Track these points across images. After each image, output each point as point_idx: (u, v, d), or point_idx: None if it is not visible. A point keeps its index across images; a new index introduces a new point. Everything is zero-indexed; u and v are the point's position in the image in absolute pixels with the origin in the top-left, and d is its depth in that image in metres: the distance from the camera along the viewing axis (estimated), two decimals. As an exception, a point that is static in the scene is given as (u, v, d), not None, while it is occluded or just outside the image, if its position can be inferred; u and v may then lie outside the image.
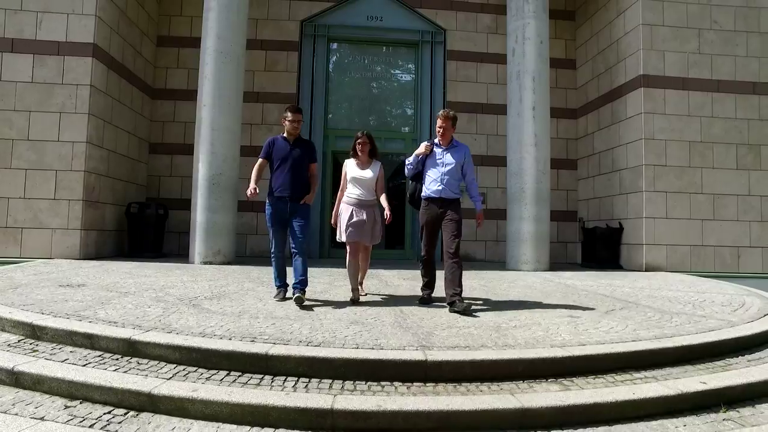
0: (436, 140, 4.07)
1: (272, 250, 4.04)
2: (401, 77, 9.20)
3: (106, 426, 2.10)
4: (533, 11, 7.20)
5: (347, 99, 9.10)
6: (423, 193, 4.04)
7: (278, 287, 4.04)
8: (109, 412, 2.21)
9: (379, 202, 4.15)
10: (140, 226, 7.39)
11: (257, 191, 3.83)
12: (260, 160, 4.04)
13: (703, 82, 7.39)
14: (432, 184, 3.96)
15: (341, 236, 4.11)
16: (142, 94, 8.15)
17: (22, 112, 6.52)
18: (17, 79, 6.53)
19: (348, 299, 4.04)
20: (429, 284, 4.13)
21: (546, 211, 7.24)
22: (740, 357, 2.98)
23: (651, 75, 7.34)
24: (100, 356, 2.61)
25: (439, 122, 4.02)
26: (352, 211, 4.05)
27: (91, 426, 2.09)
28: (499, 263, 7.83)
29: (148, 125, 8.41)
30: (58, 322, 2.87)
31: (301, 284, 3.81)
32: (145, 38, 8.16)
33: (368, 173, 4.11)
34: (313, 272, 4.67)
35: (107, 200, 7.19)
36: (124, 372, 2.43)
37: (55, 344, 2.76)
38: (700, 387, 2.45)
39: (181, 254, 7.69)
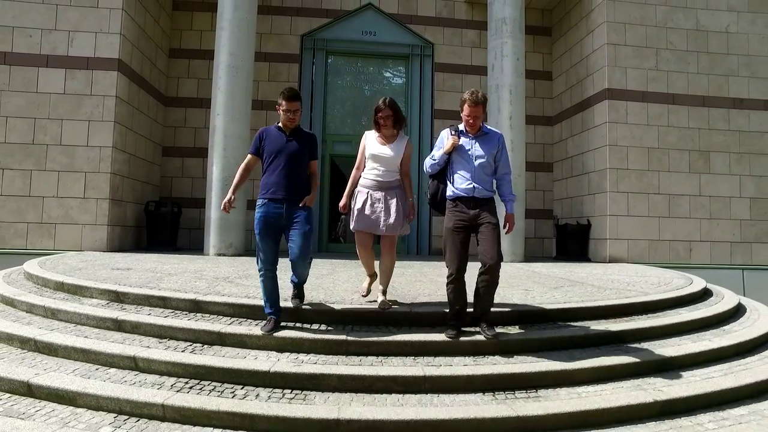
0: (460, 126, 3.41)
1: (259, 267, 3.31)
2: (393, 87, 10.32)
3: (191, 351, 3.17)
4: (510, 31, 8.34)
5: (344, 106, 10.19)
6: (449, 193, 3.41)
7: (268, 314, 3.33)
8: (191, 345, 3.27)
9: (405, 187, 3.64)
10: (157, 222, 8.41)
11: (233, 203, 3.39)
12: (249, 156, 3.47)
13: (660, 96, 8.57)
14: (461, 181, 3.35)
15: (357, 224, 3.57)
16: (157, 102, 9.17)
17: (55, 120, 7.52)
18: (51, 90, 7.52)
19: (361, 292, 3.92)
20: (459, 315, 3.35)
21: (521, 209, 8.36)
22: (644, 315, 4.12)
23: (615, 88, 8.51)
24: (173, 312, 3.67)
25: (466, 110, 3.29)
26: (368, 195, 3.57)
27: (182, 351, 3.16)
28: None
29: (162, 130, 9.43)
30: (135, 289, 3.93)
31: (300, 277, 3.51)
32: (159, 51, 9.18)
33: (392, 150, 3.58)
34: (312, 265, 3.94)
35: (128, 199, 8.20)
36: (196, 321, 3.50)
37: (135, 305, 3.81)
38: (602, 329, 3.59)
39: (193, 248, 8.72)
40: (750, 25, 8.74)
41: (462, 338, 3.30)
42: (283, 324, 3.40)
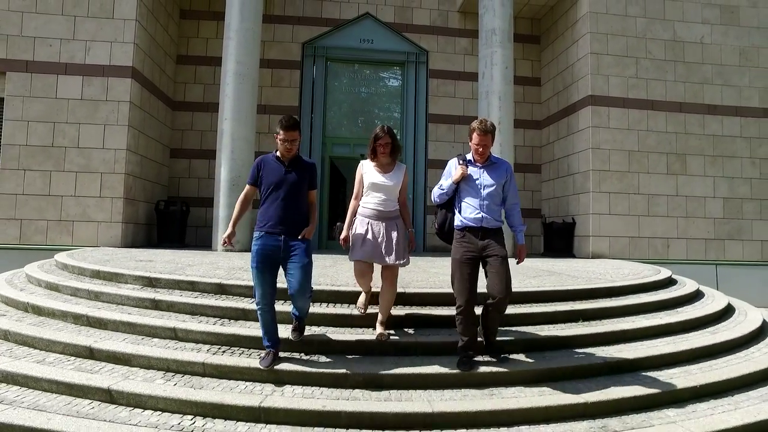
0: (468, 156, 3.51)
1: (257, 303, 3.31)
2: (389, 92, 11.02)
3: (221, 324, 3.84)
4: (500, 41, 9.05)
5: (343, 110, 10.88)
6: (457, 223, 3.47)
7: (267, 347, 3.33)
8: (219, 320, 3.94)
9: (403, 216, 3.70)
10: (167, 220, 9.06)
11: (234, 239, 3.46)
12: (247, 187, 3.50)
13: (640, 102, 9.30)
14: (469, 211, 3.41)
15: (356, 254, 3.57)
16: (165, 106, 9.82)
17: (73, 124, 8.15)
18: (69, 96, 8.16)
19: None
20: (470, 345, 3.37)
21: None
22: (607, 299, 4.82)
23: (598, 95, 9.23)
24: (201, 294, 4.34)
25: (475, 138, 3.39)
26: (368, 225, 3.59)
27: (213, 324, 3.83)
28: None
29: (170, 133, 10.08)
30: (166, 275, 4.60)
31: (301, 311, 3.45)
32: (167, 58, 9.83)
33: (391, 179, 3.64)
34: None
35: (140, 198, 8.85)
36: (222, 300, 4.17)
37: (167, 289, 4.47)
38: (568, 308, 4.29)
39: (199, 245, 9.37)
40: (722, 37, 9.49)
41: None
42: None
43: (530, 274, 5.97)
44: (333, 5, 10.56)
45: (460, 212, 3.46)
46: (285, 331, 3.56)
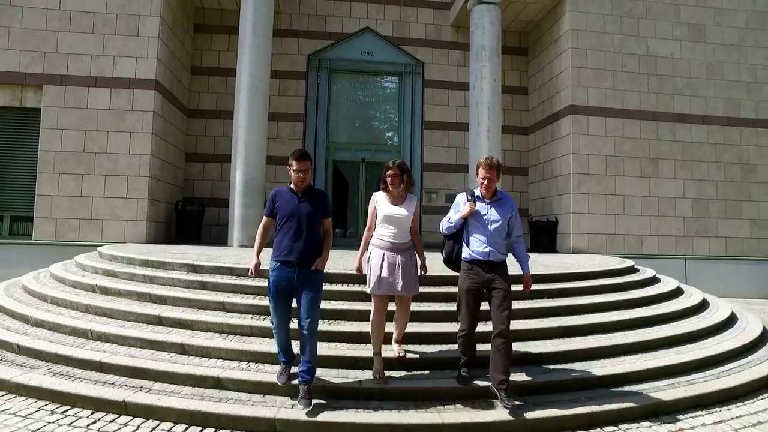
0: (476, 192, 3.77)
1: (273, 324, 3.66)
2: (388, 100, 12.16)
3: (259, 299, 4.94)
4: (488, 56, 10.20)
5: (345, 118, 11.99)
6: (465, 255, 3.75)
7: (282, 363, 3.68)
8: (257, 296, 5.05)
9: (415, 245, 3.93)
10: (185, 218, 10.15)
11: (259, 268, 3.68)
12: (264, 218, 3.73)
13: (616, 111, 10.48)
14: (477, 244, 3.68)
15: (372, 287, 3.78)
16: (181, 114, 10.91)
17: (102, 132, 9.22)
18: (99, 107, 9.23)
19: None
20: (470, 363, 3.76)
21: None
22: (576, 282, 5.96)
23: (578, 105, 10.40)
24: (238, 277, 5.43)
25: (481, 172, 3.70)
26: (383, 256, 3.79)
27: (252, 299, 4.93)
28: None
29: (185, 139, 11.17)
30: (206, 263, 5.70)
31: (309, 373, 3.48)
32: (184, 69, 10.93)
33: (403, 211, 3.83)
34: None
35: (161, 199, 9.93)
36: (256, 282, 5.27)
37: (209, 274, 5.57)
38: (543, 288, 5.43)
39: (214, 242, 10.44)
40: (691, 52, 10.69)
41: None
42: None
43: (511, 262, 7.10)
44: (335, 20, 11.69)
45: (468, 245, 3.73)
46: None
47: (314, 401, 3.47)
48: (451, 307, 4.74)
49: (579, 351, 4.41)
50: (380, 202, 3.91)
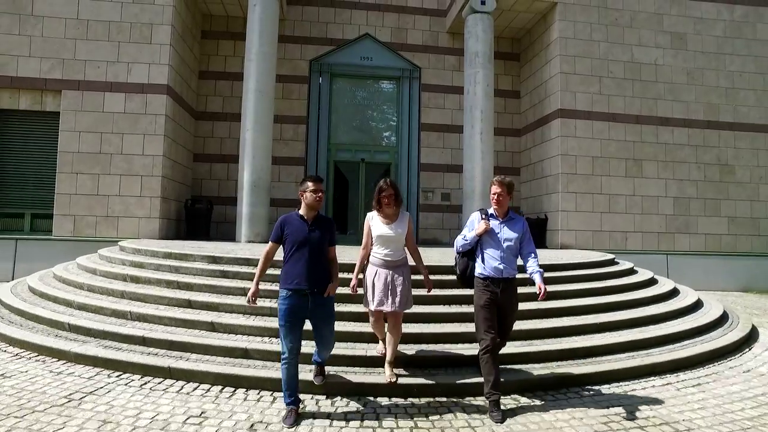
0: (490, 211, 3.98)
1: (284, 355, 3.57)
2: (387, 103, 12.91)
3: (276, 285, 5.68)
4: (482, 63, 10.96)
5: (345, 120, 12.73)
6: (479, 272, 3.92)
7: (288, 405, 3.58)
8: (273, 283, 5.79)
9: (416, 262, 4.17)
10: (194, 216, 10.86)
11: (256, 297, 3.70)
12: (270, 244, 3.75)
13: (602, 115, 11.26)
14: (491, 261, 3.87)
15: (371, 304, 4.00)
16: (189, 116, 11.63)
17: (117, 134, 9.93)
18: (114, 110, 9.94)
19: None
20: (496, 385, 3.75)
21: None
22: (559, 272, 6.72)
23: (566, 109, 11.17)
24: (254, 267, 6.17)
25: (493, 188, 3.93)
26: (378, 274, 3.99)
27: (270, 285, 5.68)
28: (459, 245, 11.57)
29: (193, 140, 11.89)
30: (225, 254, 6.43)
31: (322, 361, 3.97)
32: (192, 74, 11.65)
33: (397, 229, 4.02)
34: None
35: (172, 197, 10.65)
36: (273, 271, 6.01)
37: (228, 264, 6.31)
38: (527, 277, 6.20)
39: (221, 238, 11.16)
40: (673, 59, 11.49)
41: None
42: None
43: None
44: (336, 27, 12.43)
45: (482, 262, 3.91)
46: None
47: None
48: (445, 292, 5.53)
49: (554, 329, 5.19)
50: (374, 223, 4.10)
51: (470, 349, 4.62)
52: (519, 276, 4.11)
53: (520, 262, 4.06)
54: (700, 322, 5.99)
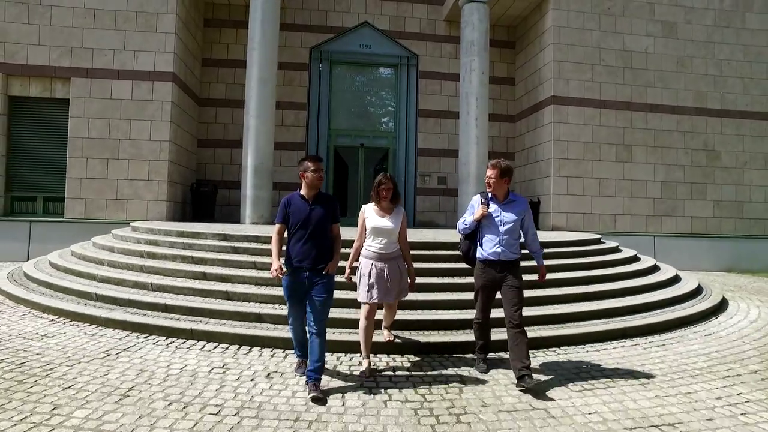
0: (489, 193, 4.02)
1: (290, 321, 4.01)
2: (385, 90, 13.37)
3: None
4: (477, 51, 11.42)
5: (345, 106, 13.20)
6: (478, 255, 4.01)
7: (299, 356, 4.07)
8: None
9: (404, 254, 4.26)
10: (200, 199, 11.39)
11: (283, 270, 3.79)
12: (277, 225, 3.90)
13: (593, 101, 11.75)
14: (489, 245, 3.93)
15: (364, 296, 4.08)
16: (193, 103, 12.09)
17: (125, 120, 10.41)
18: (122, 97, 10.40)
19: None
20: (484, 348, 4.24)
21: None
22: (547, 249, 7.27)
23: (558, 96, 11.66)
24: (264, 244, 6.70)
25: (487, 172, 4.00)
26: (373, 267, 4.08)
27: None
28: (454, 226, 12.12)
29: (197, 125, 12.36)
30: (235, 232, 6.98)
31: (317, 372, 3.62)
32: (195, 61, 12.08)
33: (391, 222, 4.12)
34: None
35: (178, 181, 11.16)
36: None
37: (238, 241, 6.85)
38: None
39: (225, 220, 11.68)
40: (663, 48, 11.96)
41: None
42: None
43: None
44: (336, 15, 12.84)
45: (481, 245, 4.01)
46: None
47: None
48: (438, 265, 6.09)
49: (538, 298, 5.76)
50: (369, 215, 4.20)
51: (460, 315, 5.20)
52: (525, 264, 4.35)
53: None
54: (673, 294, 6.58)
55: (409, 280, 4.32)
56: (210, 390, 3.64)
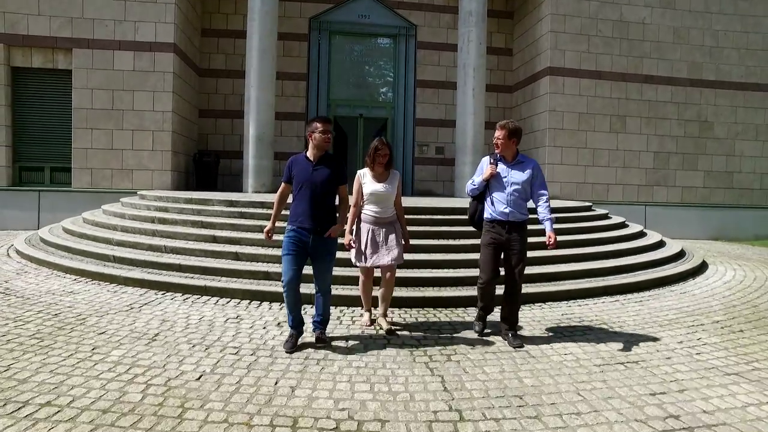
0: (497, 154, 4.07)
1: (284, 284, 3.82)
2: (384, 60, 13.57)
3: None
4: (475, 22, 11.60)
5: (344, 77, 13.42)
6: (487, 215, 4.06)
7: (291, 328, 3.87)
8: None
9: (398, 218, 4.32)
10: (203, 168, 11.74)
11: (271, 236, 3.91)
12: (282, 185, 3.92)
13: (589, 72, 12.00)
14: (497, 205, 3.97)
15: (361, 260, 4.21)
16: (194, 74, 12.30)
17: (128, 91, 10.66)
18: (124, 68, 10.63)
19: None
20: (486, 309, 4.23)
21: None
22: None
23: (555, 66, 11.89)
24: (268, 209, 7.13)
25: (496, 133, 4.02)
26: (370, 231, 4.19)
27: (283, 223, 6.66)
28: (452, 195, 12.54)
29: (198, 96, 12.61)
30: (242, 198, 7.38)
31: (322, 323, 3.83)
32: (195, 32, 12.25)
33: (387, 187, 4.20)
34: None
35: (181, 151, 11.49)
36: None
37: (244, 207, 7.27)
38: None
39: (227, 189, 12.03)
40: (661, 18, 12.14)
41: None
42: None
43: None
44: (335, -16, 12.94)
45: (491, 205, 4.05)
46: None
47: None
48: (434, 228, 6.53)
49: (528, 258, 6.19)
50: (366, 180, 4.26)
51: (453, 273, 5.66)
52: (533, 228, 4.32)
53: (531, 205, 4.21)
54: (656, 257, 7.06)
55: (403, 242, 4.38)
56: (227, 335, 4.11)
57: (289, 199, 4.02)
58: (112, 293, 5.24)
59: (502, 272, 4.22)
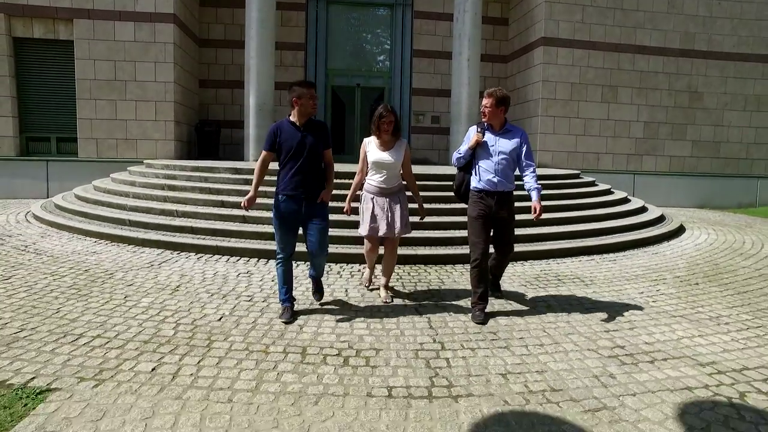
0: (485, 122, 3.98)
1: (278, 255, 3.88)
2: (381, 30, 13.82)
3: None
4: (471, -9, 11.85)
5: (341, 46, 13.70)
6: (474, 185, 3.98)
7: (283, 302, 3.88)
8: (286, 190, 7.28)
9: (411, 189, 4.26)
10: (205, 138, 12.16)
11: (253, 202, 3.80)
12: (264, 152, 3.82)
13: (583, 43, 12.31)
14: (485, 174, 3.91)
15: (365, 230, 4.14)
16: (194, 44, 12.58)
17: (130, 62, 10.99)
18: (125, 39, 10.92)
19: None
20: (483, 296, 3.96)
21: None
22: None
23: (549, 37, 12.20)
24: (273, 175, 7.63)
25: (483, 101, 3.92)
26: (373, 201, 4.12)
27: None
28: (447, 163, 13.02)
29: (198, 66, 12.91)
30: (245, 166, 7.87)
31: (318, 275, 4.11)
32: (194, 2, 12.46)
33: (393, 156, 4.07)
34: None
35: (183, 121, 11.89)
36: (285, 180, 7.49)
37: (249, 174, 7.76)
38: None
39: (228, 158, 12.47)
40: (654, -13, 12.39)
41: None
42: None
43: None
44: (332, -48, 13.07)
45: (477, 175, 3.96)
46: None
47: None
48: (428, 193, 7.03)
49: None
50: (370, 148, 4.17)
51: (442, 234, 6.22)
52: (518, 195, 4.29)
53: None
54: (637, 221, 7.62)
55: (419, 215, 4.35)
56: (241, 287, 4.68)
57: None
58: (131, 253, 5.79)
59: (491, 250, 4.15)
